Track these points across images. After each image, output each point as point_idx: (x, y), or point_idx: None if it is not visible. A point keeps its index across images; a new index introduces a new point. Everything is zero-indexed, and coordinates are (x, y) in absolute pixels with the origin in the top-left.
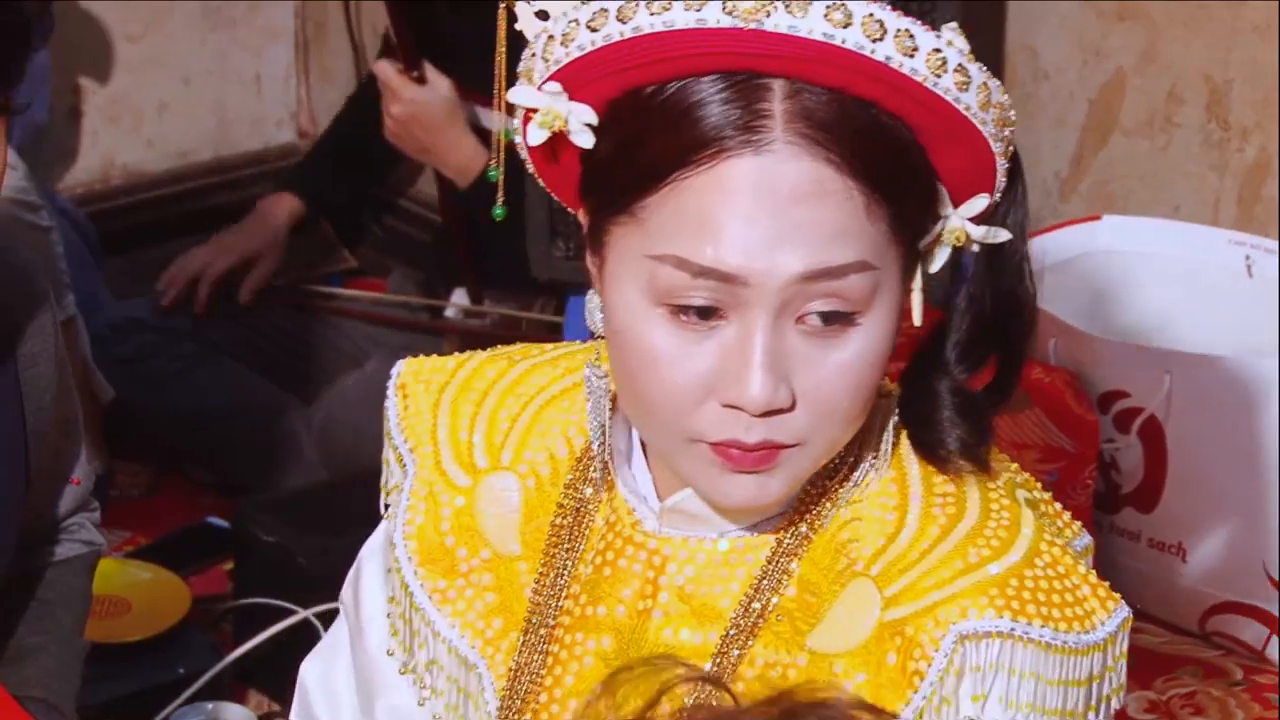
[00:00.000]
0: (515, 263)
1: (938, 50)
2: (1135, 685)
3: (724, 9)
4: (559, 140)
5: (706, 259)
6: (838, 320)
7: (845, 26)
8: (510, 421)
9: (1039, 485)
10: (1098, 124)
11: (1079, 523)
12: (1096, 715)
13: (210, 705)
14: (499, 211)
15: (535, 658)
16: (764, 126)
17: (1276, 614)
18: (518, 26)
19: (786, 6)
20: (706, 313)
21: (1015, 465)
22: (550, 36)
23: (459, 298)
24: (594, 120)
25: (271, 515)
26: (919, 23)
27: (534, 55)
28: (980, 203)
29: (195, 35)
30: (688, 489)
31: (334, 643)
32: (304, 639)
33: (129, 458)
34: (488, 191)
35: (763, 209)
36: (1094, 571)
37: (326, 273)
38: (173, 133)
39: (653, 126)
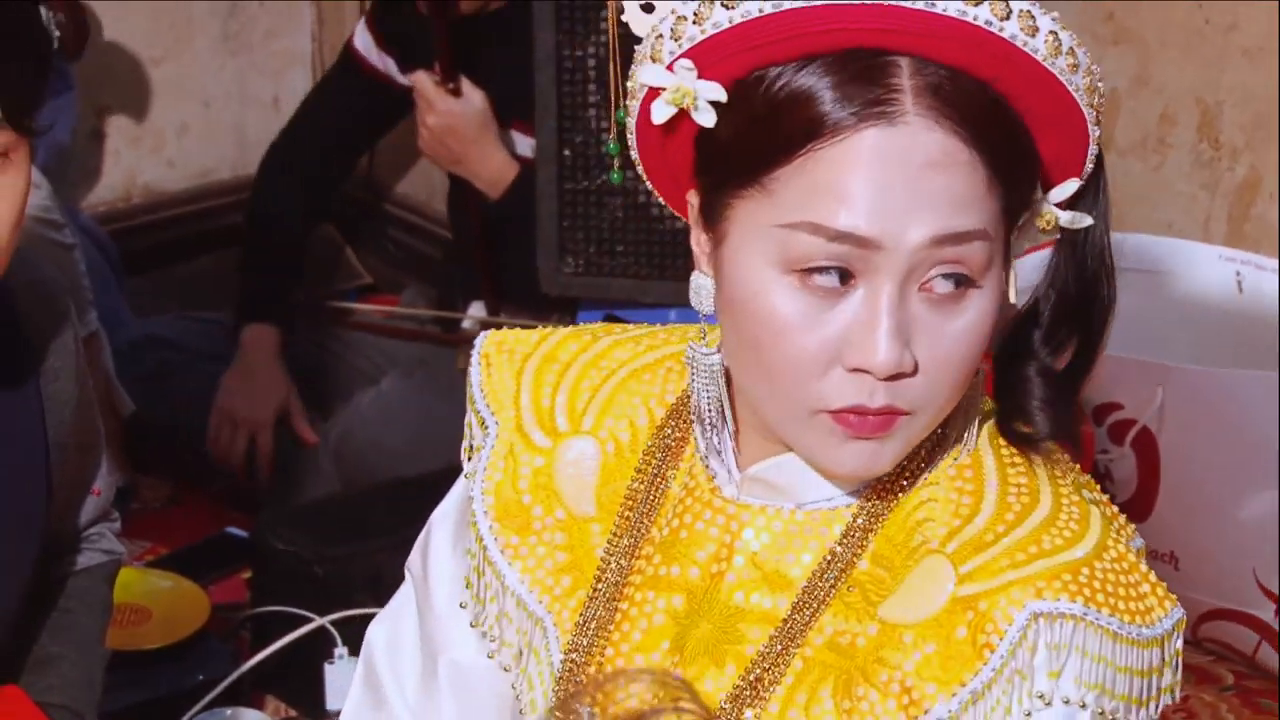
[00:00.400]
0: (530, 278)
1: (1054, 33)
2: None
3: None
4: (677, 120)
5: (842, 223)
6: (962, 284)
7: (976, 4)
8: (592, 391)
9: (1098, 488)
10: None
11: (1133, 525)
12: (1156, 705)
13: (229, 711)
14: (616, 176)
15: (603, 613)
16: (895, 100)
17: (1267, 620)
18: (624, 18)
19: None
20: (844, 276)
21: (1078, 467)
22: (681, 17)
23: (476, 310)
24: (722, 97)
25: (289, 526)
26: (1037, 5)
27: (660, 37)
28: (1071, 186)
29: (215, 59)
30: (771, 459)
31: (399, 607)
32: (320, 646)
33: (150, 470)
34: (519, 201)
35: (895, 177)
36: (1152, 571)
37: (342, 289)
38: (193, 153)
39: (785, 102)
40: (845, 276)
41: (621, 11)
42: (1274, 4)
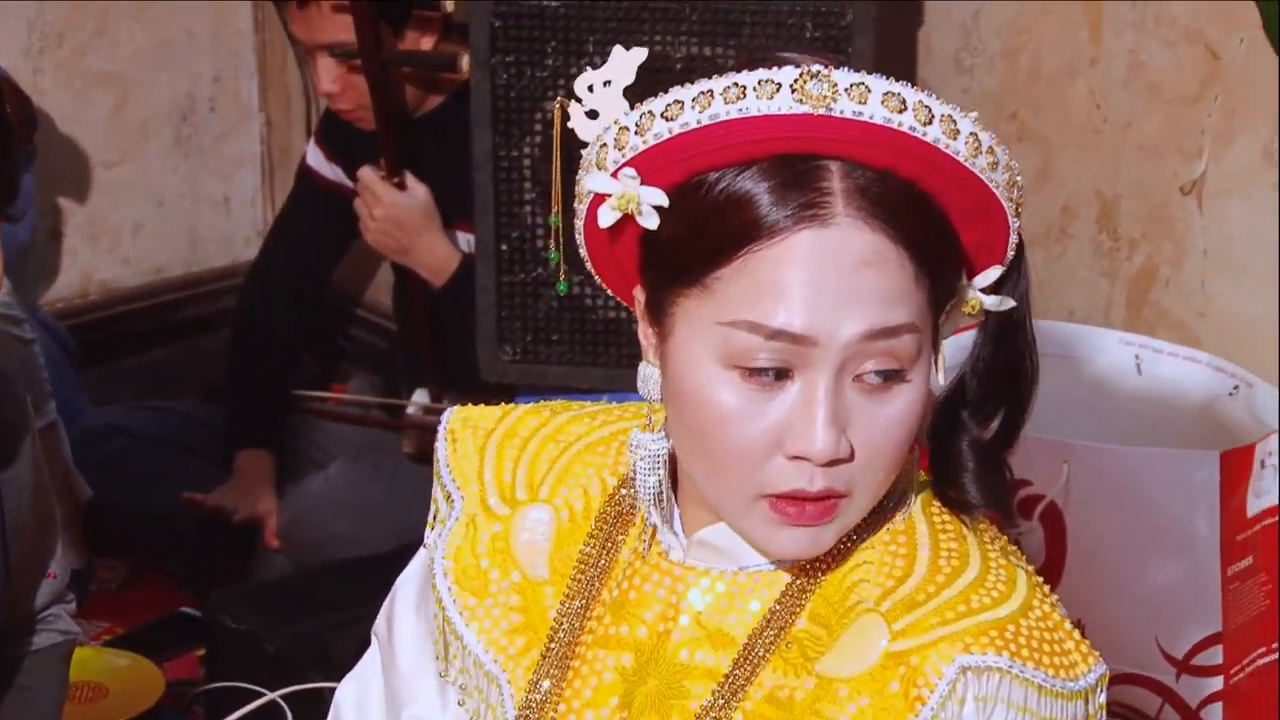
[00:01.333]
0: (470, 365)
1: (974, 134)
2: None
3: (794, 98)
4: (622, 223)
5: (779, 322)
6: (892, 378)
7: (900, 112)
8: (550, 463)
9: (1024, 556)
10: None
11: (1055, 595)
12: None
13: None
14: (563, 286)
15: (555, 671)
16: (827, 203)
17: (1169, 684)
18: (570, 125)
19: (848, 94)
20: (781, 374)
21: (1005, 536)
22: (624, 127)
23: (420, 397)
24: (664, 202)
25: (241, 605)
26: (957, 108)
27: (604, 146)
28: (995, 273)
29: (168, 161)
30: (716, 524)
31: (366, 668)
32: None
33: (107, 553)
34: (461, 288)
35: (829, 275)
36: (1076, 630)
37: (292, 377)
38: (147, 251)
39: (724, 205)
40: (782, 373)
41: (567, 118)
42: (1169, 105)
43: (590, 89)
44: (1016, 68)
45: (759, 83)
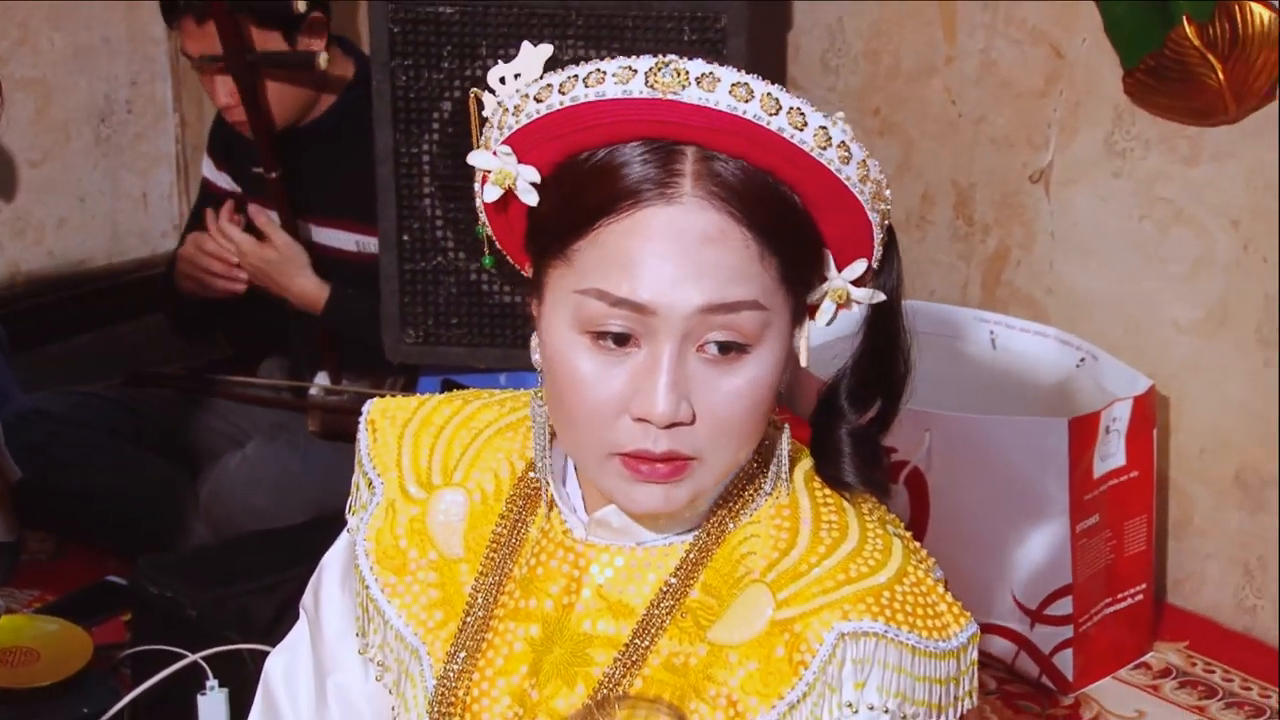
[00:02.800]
0: (365, 349)
1: (824, 128)
2: None
3: (646, 83)
4: (509, 199)
5: (623, 291)
6: (732, 349)
7: (746, 101)
8: (463, 449)
9: (902, 524)
10: None
11: (933, 558)
12: (954, 711)
13: None
14: (488, 260)
15: (471, 643)
16: (676, 183)
17: (1023, 633)
18: (485, 114)
19: (698, 82)
20: (622, 339)
21: (884, 507)
22: (505, 109)
23: (321, 379)
24: (537, 179)
25: (164, 573)
26: (809, 104)
27: (491, 126)
28: (859, 267)
29: (89, 160)
30: (612, 504)
31: (295, 640)
32: (193, 680)
33: (37, 527)
34: (336, 313)
35: (672, 250)
36: (949, 593)
37: (209, 361)
38: (71, 244)
39: (587, 181)
40: (629, 338)
41: (482, 108)
42: (1018, 100)
43: (502, 80)
44: (878, 67)
45: (619, 69)
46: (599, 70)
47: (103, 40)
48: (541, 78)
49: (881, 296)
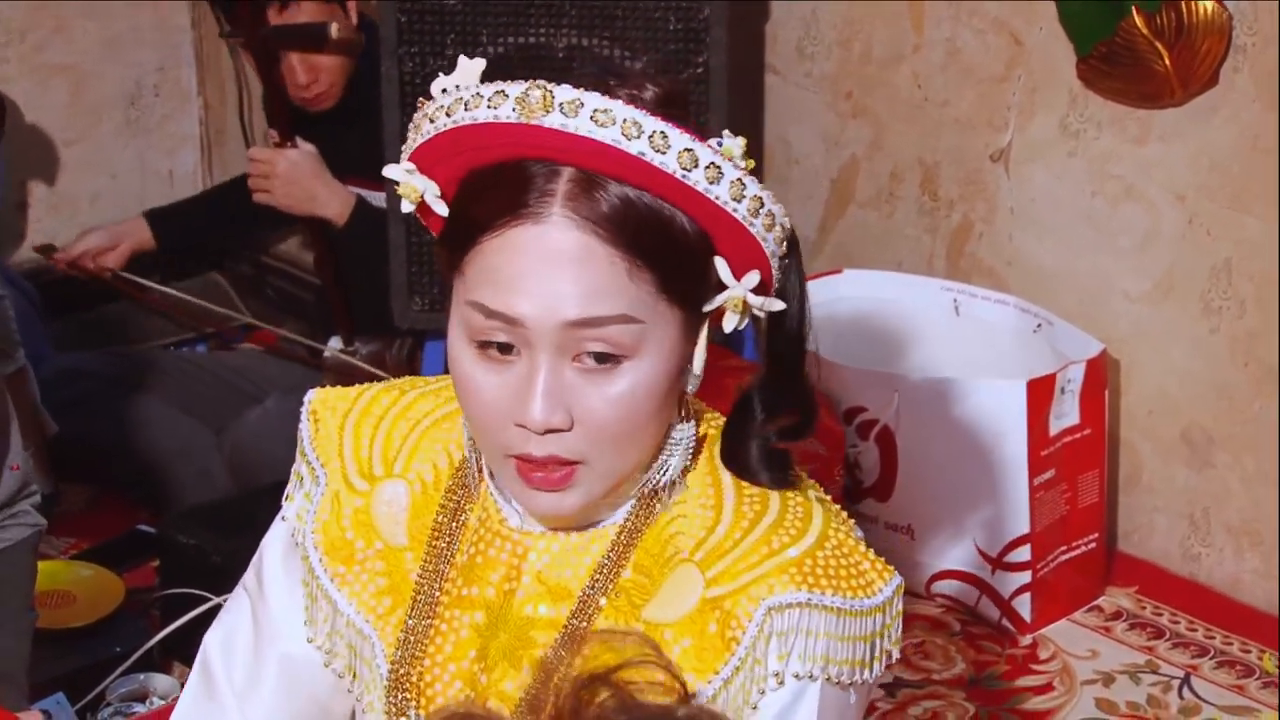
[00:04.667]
0: (376, 314)
1: (689, 150)
2: None
3: (513, 108)
4: (427, 210)
5: (497, 305)
6: (607, 360)
7: (605, 126)
8: (402, 440)
9: (822, 489)
10: (838, 198)
11: (853, 521)
12: (880, 663)
13: (142, 676)
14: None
15: (419, 629)
16: (546, 203)
17: (985, 578)
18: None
19: (561, 108)
20: (504, 349)
21: (804, 472)
22: (415, 124)
23: (335, 343)
24: (436, 193)
25: (190, 523)
26: (675, 127)
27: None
28: (753, 278)
29: (120, 141)
30: None
31: (233, 617)
32: None
33: (72, 479)
34: (361, 224)
35: (538, 267)
36: (871, 550)
37: (230, 326)
38: (103, 218)
39: (473, 198)
40: (510, 348)
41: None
42: (980, 85)
43: (444, 90)
44: (850, 54)
45: (493, 94)
46: (477, 94)
47: (132, 29)
48: (447, 93)
49: (778, 304)
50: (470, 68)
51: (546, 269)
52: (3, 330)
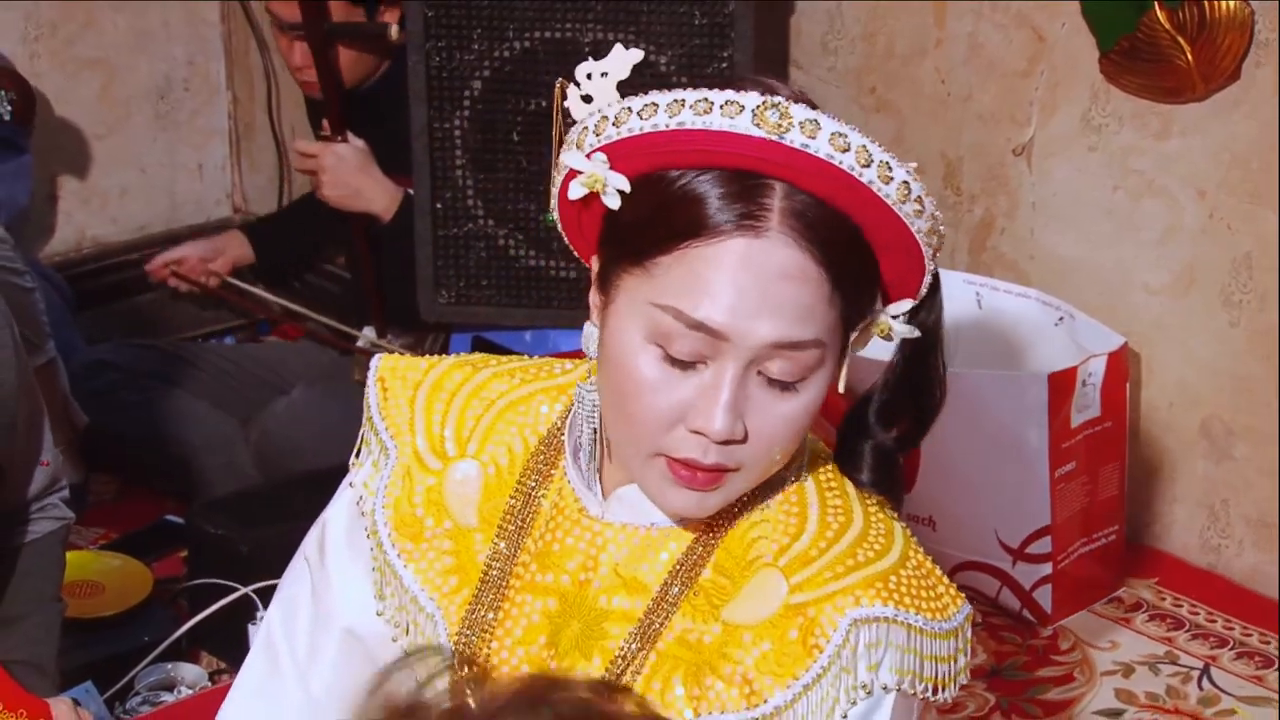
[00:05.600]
0: (409, 306)
1: (906, 183)
2: None
3: (753, 121)
4: (590, 199)
5: (700, 314)
6: (789, 384)
7: (844, 151)
8: (476, 420)
9: (896, 512)
10: None
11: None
12: (954, 686)
13: (170, 665)
14: (549, 218)
15: (488, 612)
16: (764, 217)
17: (1006, 570)
18: (565, 104)
19: (801, 128)
20: (696, 359)
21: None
22: (604, 117)
23: (368, 332)
24: (626, 188)
25: (217, 513)
26: (895, 158)
27: (586, 129)
28: (906, 305)
29: (149, 134)
30: (632, 484)
31: (294, 589)
32: (245, 611)
33: (101, 470)
34: (405, 219)
35: (752, 282)
36: (945, 575)
37: (256, 320)
38: (132, 211)
39: (677, 201)
40: (697, 361)
41: (564, 98)
42: (1003, 80)
43: (589, 76)
44: (874, 49)
45: (725, 102)
46: (706, 100)
47: (162, 24)
48: (646, 94)
49: (917, 333)
50: (624, 57)
51: (759, 284)
52: (33, 323)
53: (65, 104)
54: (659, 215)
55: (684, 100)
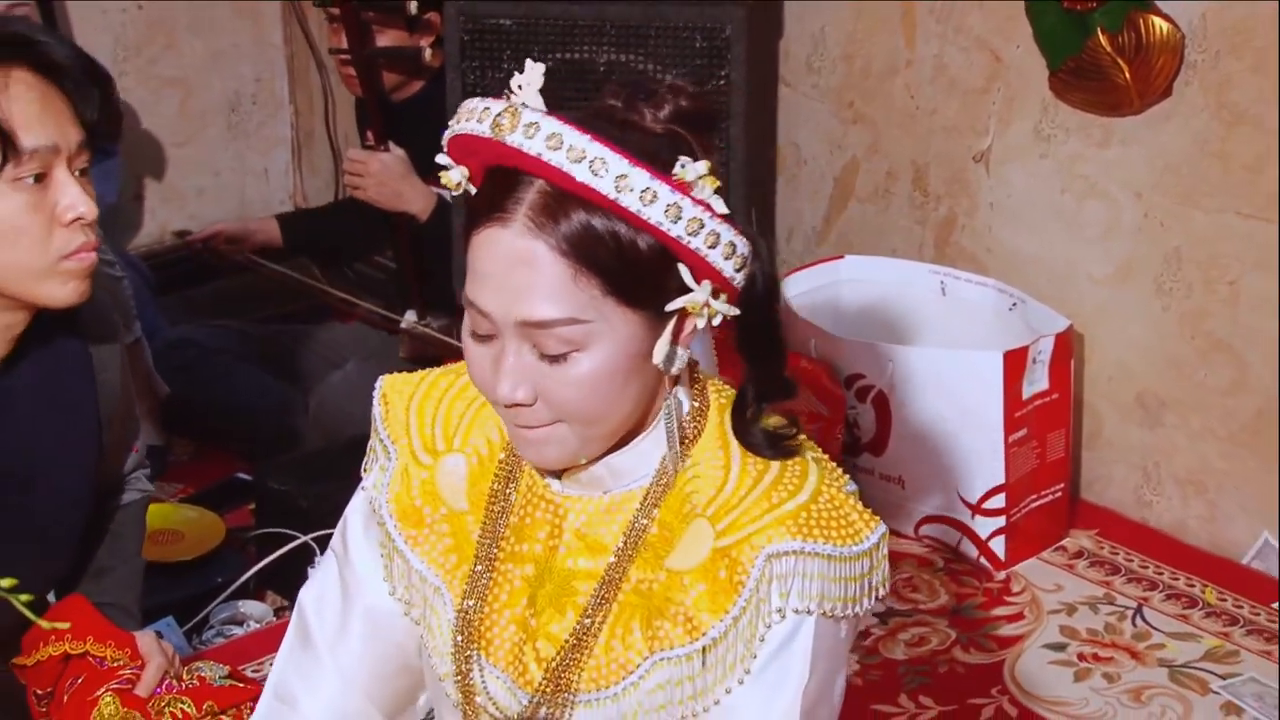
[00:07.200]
0: (446, 292)
1: (624, 175)
2: None
3: (491, 125)
4: None
5: (470, 295)
6: (558, 355)
7: (556, 149)
8: (459, 417)
9: (819, 449)
10: (840, 194)
11: (847, 475)
12: (869, 599)
13: (240, 604)
14: None
15: (482, 581)
16: (513, 209)
17: (966, 523)
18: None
19: (524, 130)
20: (484, 338)
21: (810, 431)
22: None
23: (410, 316)
24: (463, 178)
25: (281, 471)
26: (619, 154)
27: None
28: (706, 287)
29: (222, 143)
30: (584, 466)
31: (323, 576)
32: (305, 556)
33: (180, 434)
34: (441, 220)
35: (498, 267)
36: (860, 503)
37: (313, 305)
38: (207, 209)
39: (474, 196)
40: (490, 337)
41: None
42: (964, 95)
43: (519, 87)
44: (853, 69)
45: (483, 110)
46: (484, 108)
47: (233, 46)
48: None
49: (734, 311)
50: (534, 70)
51: (502, 270)
52: (122, 306)
53: (149, 116)
54: (467, 207)
55: (472, 109)
